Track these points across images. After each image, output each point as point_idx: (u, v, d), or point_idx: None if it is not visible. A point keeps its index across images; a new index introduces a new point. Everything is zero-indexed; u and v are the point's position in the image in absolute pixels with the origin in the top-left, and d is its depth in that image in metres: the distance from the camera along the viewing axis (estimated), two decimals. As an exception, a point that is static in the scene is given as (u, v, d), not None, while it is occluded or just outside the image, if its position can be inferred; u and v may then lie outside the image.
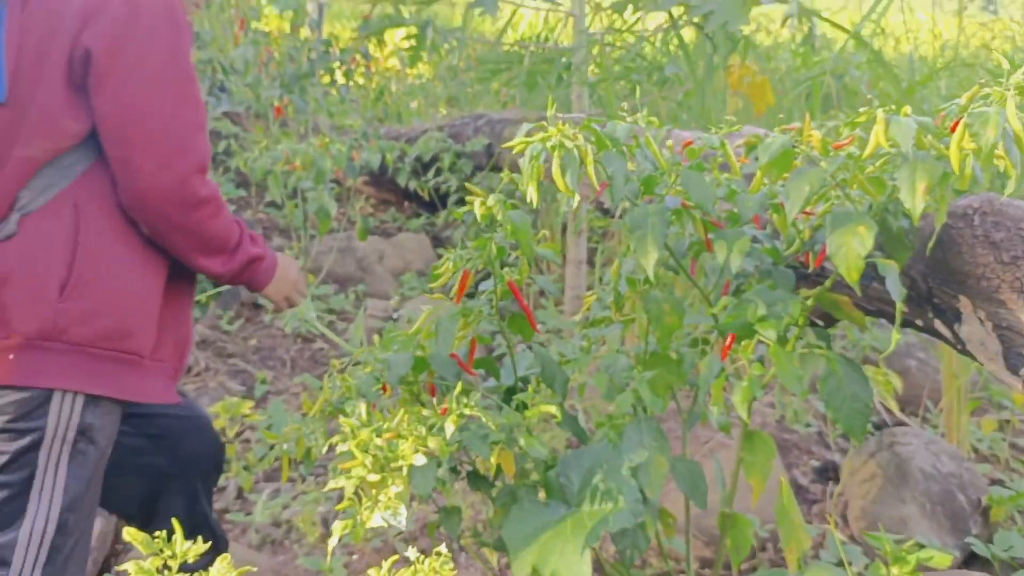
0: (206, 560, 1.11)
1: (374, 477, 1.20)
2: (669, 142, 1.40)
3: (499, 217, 1.26)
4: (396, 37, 5.81)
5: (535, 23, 5.97)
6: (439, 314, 1.34)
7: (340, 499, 2.41)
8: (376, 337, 1.40)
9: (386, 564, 1.04)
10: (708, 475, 1.52)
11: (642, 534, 1.45)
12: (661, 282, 1.51)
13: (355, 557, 2.13)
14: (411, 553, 1.05)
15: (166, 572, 1.07)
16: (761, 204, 1.33)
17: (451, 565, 1.03)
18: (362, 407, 1.30)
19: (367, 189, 4.81)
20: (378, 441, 1.23)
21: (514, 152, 1.24)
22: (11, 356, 1.22)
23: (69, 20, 1.21)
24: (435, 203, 4.46)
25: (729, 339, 1.38)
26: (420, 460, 1.20)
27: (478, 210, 1.27)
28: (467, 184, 1.32)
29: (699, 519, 1.99)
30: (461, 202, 4.27)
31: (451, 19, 7.18)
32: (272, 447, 1.55)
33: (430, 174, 4.15)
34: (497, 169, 3.96)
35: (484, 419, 1.28)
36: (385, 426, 1.25)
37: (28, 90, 1.22)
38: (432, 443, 1.23)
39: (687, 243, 1.45)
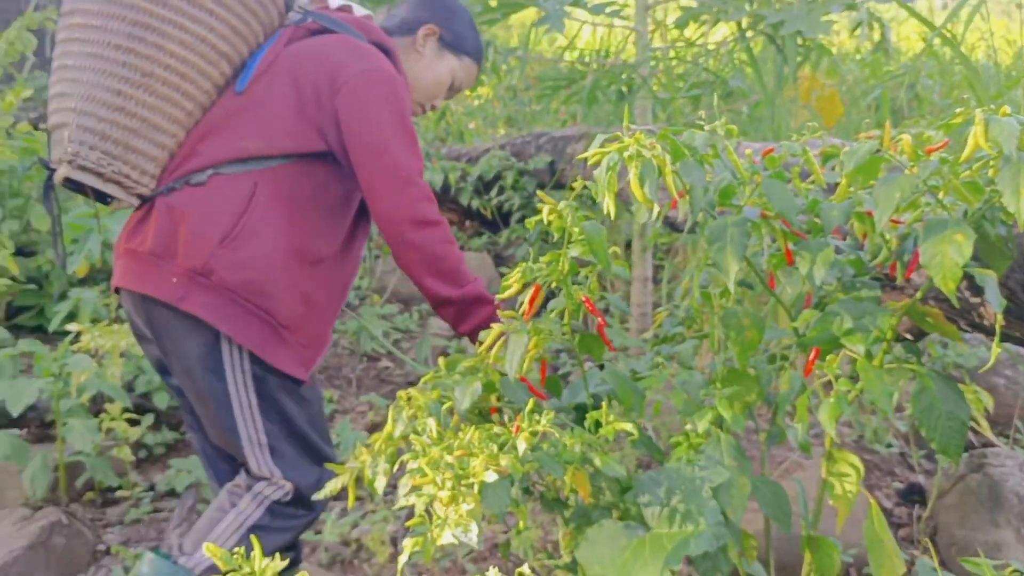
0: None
1: (445, 493, 1.18)
2: (748, 151, 1.35)
3: (571, 226, 1.22)
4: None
5: (594, 40, 5.95)
6: (508, 333, 1.30)
7: (409, 518, 2.40)
8: (441, 359, 1.37)
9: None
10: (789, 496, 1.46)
11: (723, 557, 1.39)
12: (735, 297, 1.46)
13: (424, 576, 2.11)
14: (492, 573, 1.02)
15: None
16: (846, 213, 1.27)
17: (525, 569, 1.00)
18: (432, 424, 1.28)
19: (430, 209, 4.84)
20: (449, 458, 1.21)
21: (589, 163, 1.22)
22: (174, 279, 1.48)
23: (321, 79, 1.53)
24: (497, 222, 4.46)
25: (813, 354, 1.32)
26: (492, 477, 1.17)
27: (547, 217, 1.24)
28: (539, 191, 1.29)
29: (778, 544, 1.92)
30: (523, 220, 4.27)
31: (507, 40, 7.22)
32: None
33: (492, 193, 4.15)
34: (560, 186, 3.94)
35: (558, 436, 1.24)
36: (456, 444, 1.23)
37: (264, 97, 1.54)
38: (504, 461, 1.20)
39: (765, 255, 1.40)
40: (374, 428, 2.91)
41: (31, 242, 3.45)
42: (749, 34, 2.92)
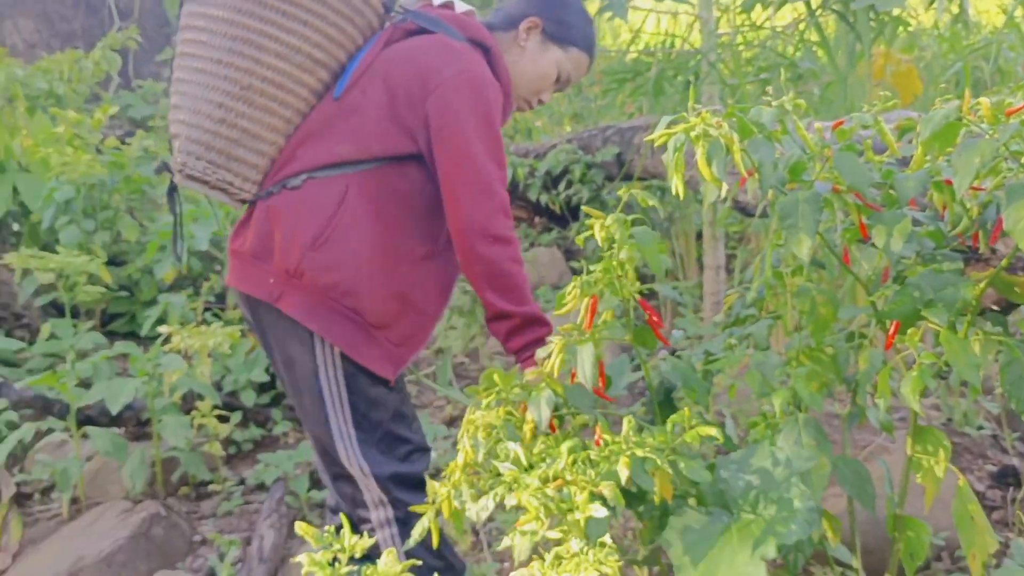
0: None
1: (554, 534, 1.14)
2: (817, 125, 1.33)
3: (620, 241, 1.23)
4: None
5: (658, 30, 5.91)
6: (572, 345, 1.30)
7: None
8: (496, 375, 1.36)
9: (548, 556, 1.03)
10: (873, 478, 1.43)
11: (807, 539, 1.37)
12: (807, 277, 1.44)
13: (506, 564, 2.14)
14: (576, 543, 1.03)
15: (336, 564, 1.10)
16: (923, 183, 1.25)
17: (615, 556, 1.00)
18: (518, 450, 1.24)
19: (499, 206, 4.87)
20: (549, 491, 1.17)
21: (656, 144, 1.22)
22: (271, 280, 1.55)
23: (413, 82, 1.54)
24: (566, 216, 4.47)
25: (892, 328, 1.30)
26: (600, 512, 1.10)
27: (598, 233, 1.24)
28: (584, 207, 1.30)
29: (865, 527, 1.88)
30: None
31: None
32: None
33: (561, 187, 4.16)
34: (628, 178, 3.92)
35: (657, 461, 1.20)
36: (551, 473, 1.20)
37: (358, 102, 1.56)
38: (607, 491, 1.16)
39: (838, 231, 1.38)
40: (452, 422, 2.96)
41: (121, 252, 3.61)
42: (819, 12, 2.87)
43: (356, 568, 1.09)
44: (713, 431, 1.22)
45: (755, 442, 1.38)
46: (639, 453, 1.16)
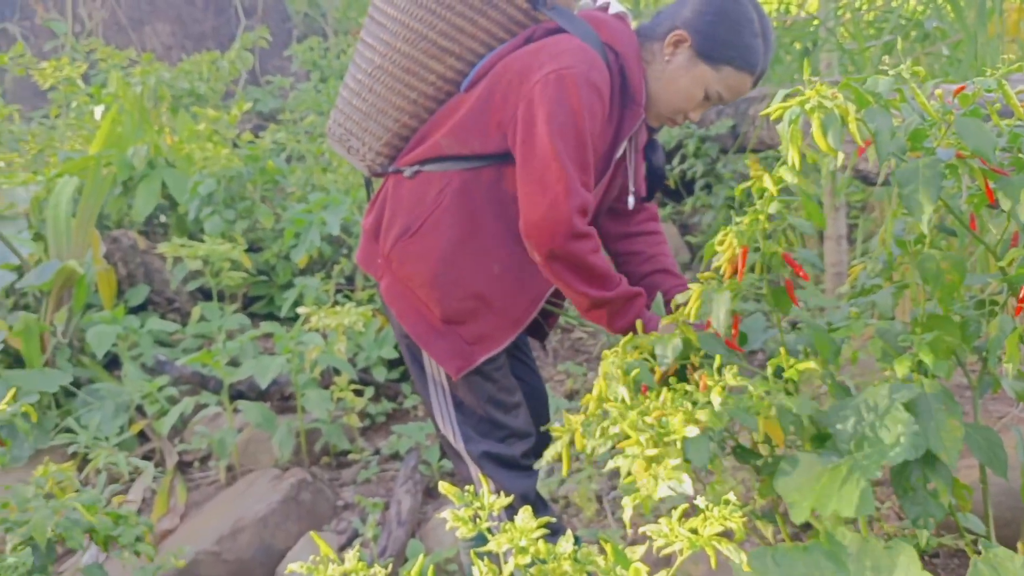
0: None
1: (652, 452, 1.24)
2: (938, 91, 1.33)
3: (794, 186, 1.25)
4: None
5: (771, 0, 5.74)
6: (710, 292, 1.35)
7: (613, 476, 2.50)
8: (638, 323, 1.45)
9: (676, 512, 1.10)
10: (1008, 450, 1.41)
11: (934, 503, 1.38)
12: (935, 245, 1.43)
13: (631, 532, 2.21)
14: (700, 500, 1.09)
15: (476, 520, 1.20)
16: (1052, 145, 1.23)
17: (740, 512, 1.06)
18: (622, 390, 1.35)
19: (612, 183, 4.90)
20: (648, 419, 1.27)
21: (772, 118, 1.25)
22: (379, 260, 1.69)
23: (513, 78, 1.56)
24: (680, 191, 4.46)
25: (1022, 294, 1.28)
26: (692, 431, 1.22)
27: (771, 184, 1.27)
28: (749, 162, 1.33)
29: (998, 499, 1.84)
30: (708, 187, 4.23)
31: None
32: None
33: (675, 162, 4.15)
34: (742, 150, 3.88)
35: (748, 387, 1.28)
36: (652, 406, 1.29)
37: (474, 97, 1.60)
38: (702, 415, 1.26)
39: (963, 197, 1.37)
40: (572, 395, 3.04)
41: (258, 239, 3.86)
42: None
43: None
44: (813, 364, 1.27)
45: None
46: (732, 383, 1.22)
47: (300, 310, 2.67)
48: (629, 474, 1.23)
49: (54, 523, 1.72)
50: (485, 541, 1.41)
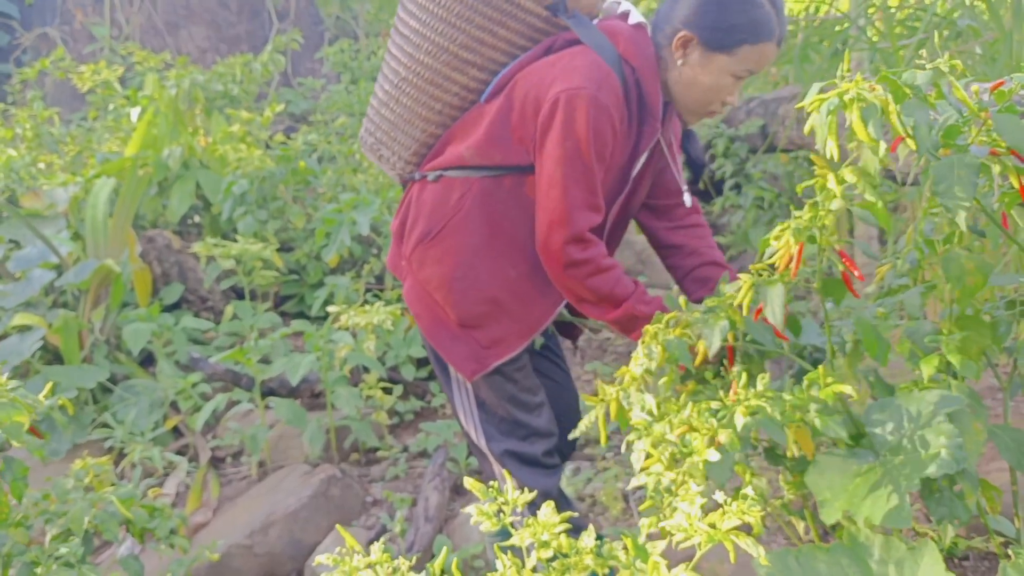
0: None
1: (670, 476, 1.24)
2: (974, 87, 1.32)
3: (860, 186, 1.24)
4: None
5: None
6: (762, 285, 1.35)
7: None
8: (681, 299, 1.45)
9: (695, 507, 1.10)
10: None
11: (960, 503, 1.37)
12: (968, 246, 1.42)
13: (656, 530, 2.21)
14: (719, 496, 1.10)
15: (501, 515, 1.22)
16: (1087, 143, 1.21)
17: (758, 507, 1.07)
18: (650, 400, 1.35)
19: (641, 184, 4.89)
20: (670, 436, 1.27)
21: (808, 111, 1.24)
22: (404, 262, 1.73)
23: (531, 93, 1.57)
24: (709, 191, 4.44)
25: (1054, 293, 1.27)
26: (714, 456, 1.21)
27: (835, 186, 1.26)
28: (812, 156, 1.31)
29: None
30: (737, 187, 4.21)
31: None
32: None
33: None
34: (772, 149, 3.86)
35: (770, 410, 1.27)
36: (676, 419, 1.28)
37: (493, 109, 1.62)
38: (724, 437, 1.24)
39: (996, 195, 1.36)
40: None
41: (289, 238, 3.92)
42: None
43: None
44: (848, 388, 1.25)
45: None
46: (756, 403, 1.21)
47: (330, 309, 2.71)
48: (650, 499, 1.22)
49: (91, 515, 1.77)
50: (510, 536, 1.42)
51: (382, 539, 1.50)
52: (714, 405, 1.30)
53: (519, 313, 1.67)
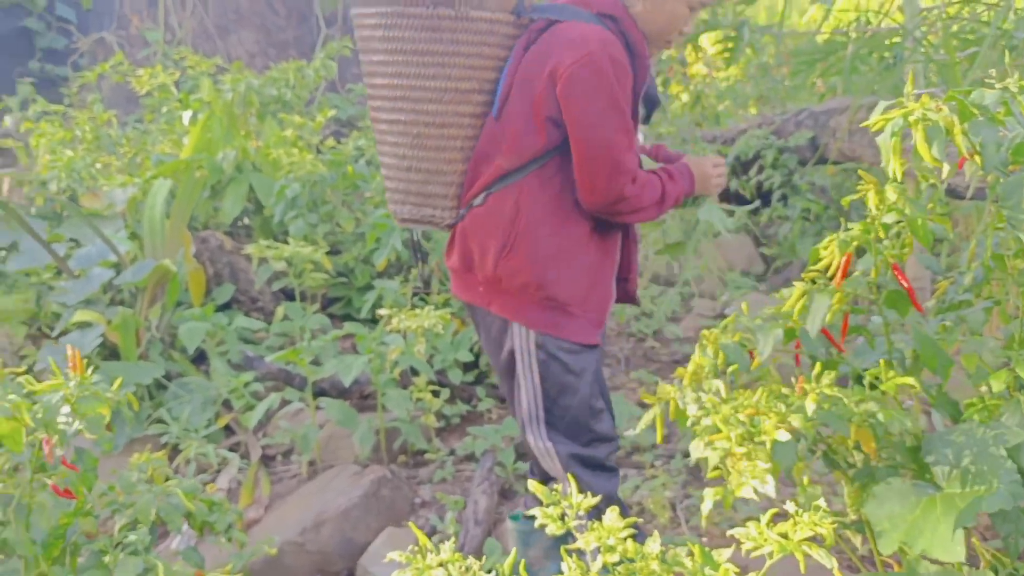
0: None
1: (741, 449, 1.27)
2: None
3: (900, 204, 1.26)
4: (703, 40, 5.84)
5: (850, 8, 5.66)
6: (812, 292, 1.37)
7: (687, 483, 2.50)
8: (744, 305, 1.47)
9: (765, 517, 1.11)
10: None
11: (1024, 518, 1.36)
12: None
13: (704, 540, 2.22)
14: (789, 505, 1.11)
15: (563, 519, 1.24)
16: None
17: (830, 519, 1.07)
18: (720, 384, 1.39)
19: (685, 193, 4.89)
20: (740, 416, 1.30)
21: (872, 130, 1.26)
22: (480, 288, 1.78)
23: (544, 77, 1.66)
24: (756, 202, 4.43)
25: None
26: (783, 436, 1.24)
27: (872, 200, 1.28)
28: (861, 171, 1.33)
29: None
30: (784, 199, 4.19)
31: (755, 18, 7.04)
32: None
33: (751, 172, 4.13)
34: (823, 161, 3.85)
35: (842, 398, 1.29)
36: (745, 403, 1.32)
37: (510, 112, 1.71)
38: (794, 420, 1.27)
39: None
40: (644, 404, 3.05)
41: (338, 241, 3.97)
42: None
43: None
44: (911, 380, 1.26)
45: (967, 422, 1.39)
46: (828, 391, 1.23)
47: (380, 312, 2.75)
48: (716, 468, 1.25)
49: (157, 507, 1.82)
50: (530, 534, 1.45)
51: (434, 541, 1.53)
52: (785, 391, 1.32)
53: (601, 270, 1.79)
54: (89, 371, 1.59)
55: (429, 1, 1.66)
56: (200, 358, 3.38)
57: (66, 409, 1.62)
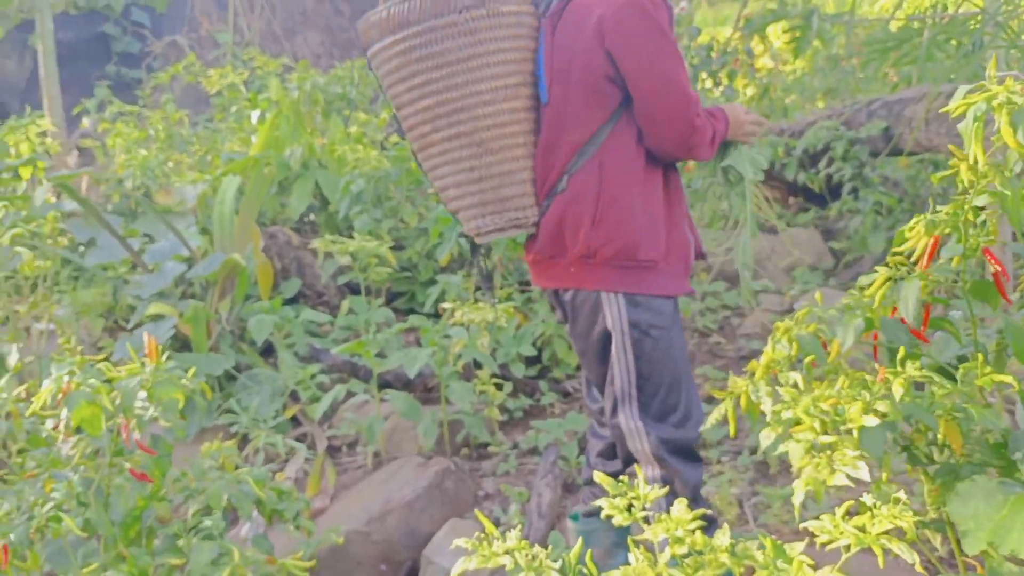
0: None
1: (827, 438, 1.22)
2: None
3: (994, 180, 1.20)
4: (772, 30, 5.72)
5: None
6: (899, 280, 1.32)
7: (754, 480, 2.45)
8: (818, 295, 1.43)
9: (840, 510, 1.08)
10: None
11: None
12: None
13: (772, 537, 2.17)
14: (868, 497, 1.07)
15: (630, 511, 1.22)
16: None
17: (910, 512, 1.04)
18: (797, 376, 1.34)
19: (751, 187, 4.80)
20: (822, 406, 1.26)
21: (953, 115, 1.21)
22: (572, 269, 1.77)
23: (588, 39, 1.69)
24: (824, 196, 4.32)
25: None
26: (871, 421, 1.19)
27: (964, 173, 1.23)
28: (952, 147, 1.27)
29: None
30: (855, 192, 4.08)
31: (822, 8, 6.88)
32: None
33: (820, 165, 4.03)
34: (896, 152, 3.73)
35: (933, 385, 1.24)
36: (825, 393, 1.27)
37: (562, 93, 1.73)
38: (882, 406, 1.22)
39: None
40: (710, 400, 3.01)
41: (401, 237, 4.01)
42: None
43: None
44: (1009, 378, 1.21)
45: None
46: (918, 374, 1.18)
47: (444, 305, 2.77)
48: (802, 459, 1.21)
49: (228, 493, 1.86)
50: (591, 533, 1.43)
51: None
52: (868, 378, 1.27)
53: (679, 218, 1.80)
54: (164, 358, 1.62)
55: (457, 7, 1.67)
56: (268, 350, 3.45)
57: (142, 395, 1.68)
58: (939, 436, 1.29)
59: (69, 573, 1.56)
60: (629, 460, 1.85)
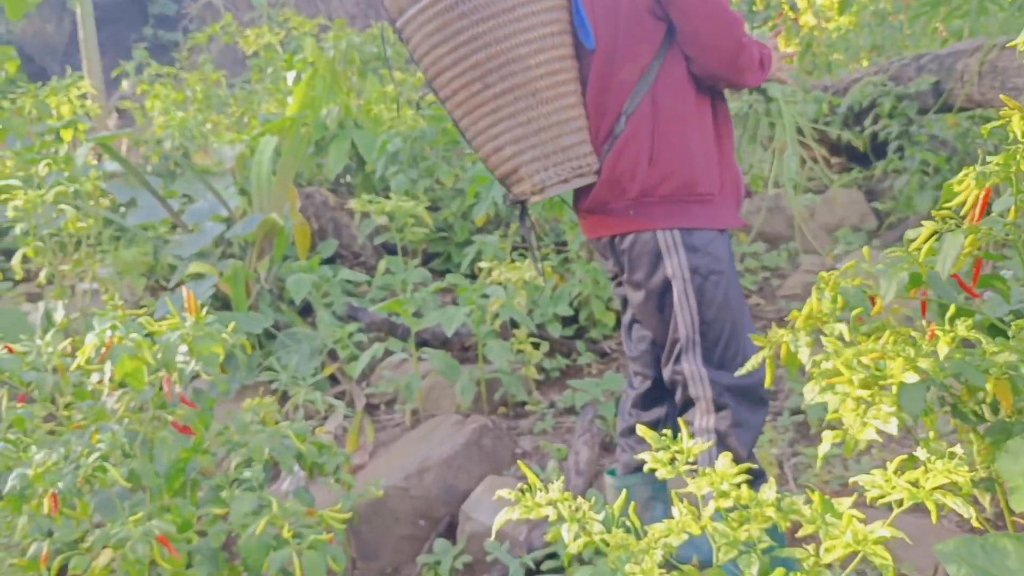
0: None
1: (863, 393, 1.20)
2: None
3: None
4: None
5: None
6: (944, 232, 1.27)
7: (794, 441, 2.42)
8: (865, 250, 1.39)
9: (891, 465, 1.05)
10: None
11: None
12: None
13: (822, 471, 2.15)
14: (921, 451, 1.05)
15: (674, 464, 1.21)
16: None
17: (965, 467, 1.01)
18: (843, 327, 1.31)
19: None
20: (864, 360, 1.23)
21: (1019, 51, 1.16)
22: (631, 212, 1.75)
23: None
24: (868, 155, 4.21)
25: None
26: (912, 378, 1.17)
27: (1017, 123, 1.18)
28: (1004, 96, 1.22)
29: None
30: (900, 150, 3.97)
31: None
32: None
33: (866, 123, 3.93)
34: (947, 108, 3.61)
35: (982, 342, 1.21)
36: (869, 347, 1.25)
37: (610, 33, 1.72)
38: (924, 363, 1.19)
39: None
40: (750, 360, 2.97)
41: (438, 197, 4.00)
42: None
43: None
44: None
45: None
46: (966, 333, 1.15)
47: (481, 264, 2.75)
48: (835, 411, 1.19)
49: (270, 447, 1.88)
50: (629, 489, 1.43)
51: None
52: (914, 334, 1.24)
53: (728, 150, 1.81)
54: (203, 314, 1.63)
55: None
56: (306, 309, 3.48)
57: (183, 349, 1.69)
58: (988, 395, 1.25)
59: (117, 521, 1.59)
60: (687, 406, 1.83)
